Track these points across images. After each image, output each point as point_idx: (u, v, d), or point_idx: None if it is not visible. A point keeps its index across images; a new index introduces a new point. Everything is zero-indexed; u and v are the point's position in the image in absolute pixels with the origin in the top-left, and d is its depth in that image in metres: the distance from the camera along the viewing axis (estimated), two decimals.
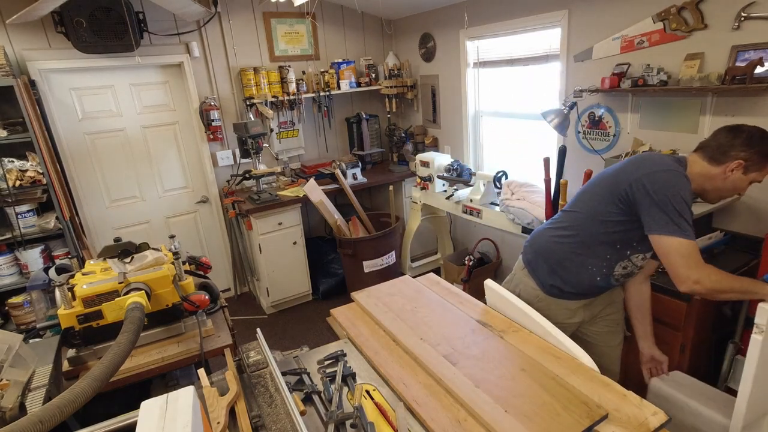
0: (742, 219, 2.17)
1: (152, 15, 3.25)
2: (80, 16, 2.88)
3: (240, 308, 3.95)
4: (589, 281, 1.61)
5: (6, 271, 2.77)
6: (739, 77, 1.92)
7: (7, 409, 1.15)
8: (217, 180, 3.86)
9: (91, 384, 1.04)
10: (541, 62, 3.05)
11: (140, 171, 3.60)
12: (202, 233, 3.97)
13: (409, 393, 1.27)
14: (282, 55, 3.90)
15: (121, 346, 1.20)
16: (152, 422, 0.87)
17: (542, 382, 1.25)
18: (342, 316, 1.74)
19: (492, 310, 1.67)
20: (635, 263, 1.59)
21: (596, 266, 1.58)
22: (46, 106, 3.03)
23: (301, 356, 1.53)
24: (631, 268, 1.60)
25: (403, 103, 4.44)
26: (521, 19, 3.01)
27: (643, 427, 1.09)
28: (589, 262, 1.58)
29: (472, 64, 3.60)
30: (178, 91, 3.61)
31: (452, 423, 1.15)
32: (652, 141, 2.42)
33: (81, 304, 1.46)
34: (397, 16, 4.25)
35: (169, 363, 1.55)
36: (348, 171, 3.83)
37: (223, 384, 1.33)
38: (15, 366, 1.26)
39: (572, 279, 1.62)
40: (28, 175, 2.69)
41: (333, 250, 4.04)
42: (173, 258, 1.68)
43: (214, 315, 1.80)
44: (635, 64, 2.42)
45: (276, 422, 1.19)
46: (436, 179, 3.42)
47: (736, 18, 1.98)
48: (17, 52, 2.96)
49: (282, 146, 4.08)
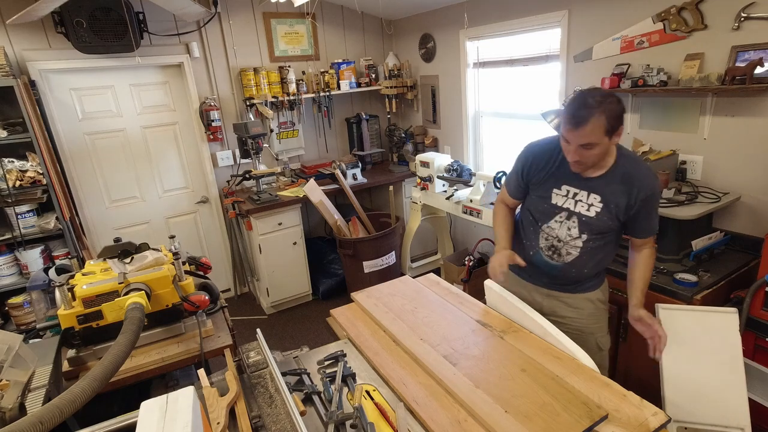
0: (742, 219, 2.17)
1: (152, 15, 3.26)
2: (80, 17, 2.88)
3: (240, 308, 3.95)
4: (528, 258, 1.70)
5: (6, 272, 2.76)
6: (739, 77, 1.92)
7: (7, 410, 1.15)
8: (217, 180, 3.86)
9: (91, 384, 1.04)
10: (541, 62, 3.05)
11: (140, 171, 3.60)
12: (202, 233, 3.97)
13: (409, 393, 1.27)
14: (282, 56, 3.91)
15: (120, 346, 1.20)
16: (152, 422, 0.87)
17: (542, 382, 1.25)
18: (342, 316, 1.74)
19: (492, 310, 1.67)
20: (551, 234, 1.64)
21: (526, 239, 1.72)
22: (46, 107, 3.03)
23: (301, 356, 1.53)
24: (552, 240, 1.64)
25: (403, 103, 4.44)
26: (521, 19, 3.01)
27: (643, 427, 1.09)
28: (522, 235, 1.74)
29: (472, 65, 3.60)
30: (178, 91, 3.61)
31: (452, 423, 1.15)
32: (652, 141, 2.42)
33: (81, 304, 1.46)
34: (397, 17, 4.25)
35: (169, 363, 1.55)
36: (348, 171, 3.83)
37: (223, 384, 1.33)
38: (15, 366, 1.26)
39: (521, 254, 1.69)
40: (28, 175, 2.69)
41: (333, 250, 4.04)
42: (173, 258, 1.68)
43: (214, 315, 1.80)
44: (635, 64, 2.42)
45: (276, 422, 1.19)
46: (436, 179, 3.42)
47: (736, 18, 1.98)
48: (17, 52, 2.96)
49: (282, 146, 4.08)
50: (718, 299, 1.92)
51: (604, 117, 1.35)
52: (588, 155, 1.42)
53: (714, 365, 1.56)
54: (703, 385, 1.56)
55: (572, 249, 1.60)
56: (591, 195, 1.53)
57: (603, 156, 1.46)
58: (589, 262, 1.62)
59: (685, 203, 2.03)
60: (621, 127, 1.40)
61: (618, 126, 1.39)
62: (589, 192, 1.53)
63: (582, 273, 1.65)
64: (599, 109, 1.34)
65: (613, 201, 1.50)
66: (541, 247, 1.66)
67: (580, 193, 1.55)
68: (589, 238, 1.57)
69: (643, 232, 1.58)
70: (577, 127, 1.37)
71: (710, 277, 1.96)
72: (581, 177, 1.54)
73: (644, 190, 1.47)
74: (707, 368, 1.57)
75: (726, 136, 2.14)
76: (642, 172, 1.49)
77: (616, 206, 1.50)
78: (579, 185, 1.55)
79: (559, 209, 1.60)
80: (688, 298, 1.87)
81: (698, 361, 1.58)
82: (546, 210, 1.62)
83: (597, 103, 1.35)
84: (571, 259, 1.62)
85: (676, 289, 1.91)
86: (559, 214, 1.60)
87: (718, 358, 1.56)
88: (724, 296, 1.96)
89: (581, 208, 1.55)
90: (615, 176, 1.50)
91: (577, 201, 1.56)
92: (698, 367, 1.58)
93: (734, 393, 1.53)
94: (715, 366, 1.56)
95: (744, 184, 2.12)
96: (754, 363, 1.79)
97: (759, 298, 1.76)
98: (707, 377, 1.56)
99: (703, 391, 1.55)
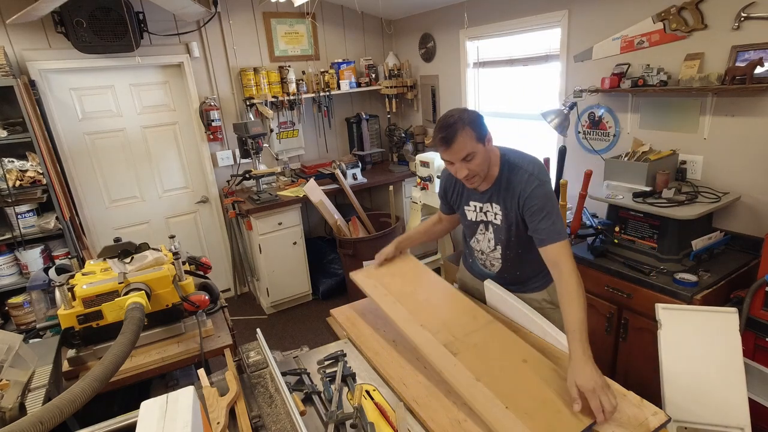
0: (742, 219, 2.17)
1: (152, 15, 3.25)
2: (80, 17, 2.88)
3: (240, 308, 3.95)
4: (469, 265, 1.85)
5: (6, 272, 2.77)
6: (739, 77, 1.91)
7: (7, 409, 1.15)
8: (217, 180, 3.86)
9: (91, 384, 1.04)
10: (541, 62, 3.05)
11: (140, 171, 3.60)
12: (202, 233, 3.97)
13: (409, 393, 1.27)
14: (282, 56, 3.90)
15: (120, 346, 1.20)
16: (152, 422, 0.87)
17: (544, 374, 1.24)
18: (342, 316, 1.74)
19: (492, 310, 1.67)
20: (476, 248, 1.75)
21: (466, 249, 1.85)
22: (46, 106, 3.03)
23: (301, 356, 1.53)
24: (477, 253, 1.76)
25: (403, 103, 4.44)
26: (521, 19, 3.01)
27: (643, 427, 1.09)
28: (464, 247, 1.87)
29: (472, 64, 3.60)
30: (178, 91, 3.61)
31: (452, 423, 1.15)
32: (652, 141, 2.42)
33: (81, 304, 1.46)
34: (397, 16, 4.25)
35: (169, 363, 1.55)
36: (348, 171, 3.83)
37: (223, 384, 1.33)
38: (15, 366, 1.27)
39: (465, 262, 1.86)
40: (28, 175, 2.69)
41: (333, 250, 4.04)
42: (173, 258, 1.68)
43: (214, 315, 1.80)
44: (635, 64, 2.42)
45: (276, 422, 1.20)
46: (436, 179, 3.42)
47: (736, 18, 1.98)
48: (17, 52, 2.96)
49: (282, 146, 4.08)
50: (718, 299, 1.92)
51: (468, 126, 1.43)
52: (473, 166, 1.48)
53: (714, 365, 1.56)
54: (703, 385, 1.56)
55: (494, 261, 1.69)
56: (493, 205, 1.60)
57: (486, 163, 1.51)
58: (518, 269, 1.67)
59: (685, 203, 2.03)
60: (487, 133, 1.49)
61: (483, 131, 1.47)
62: (490, 203, 1.61)
63: (516, 276, 1.69)
64: (461, 122, 1.43)
65: (509, 206, 1.55)
66: (475, 259, 1.80)
67: (485, 206, 1.63)
68: (504, 249, 1.63)
69: (539, 233, 1.46)
70: (449, 145, 1.44)
71: (710, 277, 1.96)
72: (478, 193, 1.62)
73: (523, 193, 1.49)
74: (707, 368, 1.57)
75: (726, 136, 2.14)
76: (518, 177, 1.52)
77: (512, 211, 1.55)
78: (480, 199, 1.63)
79: (476, 223, 1.69)
80: (688, 298, 1.87)
81: (698, 361, 1.58)
82: (469, 225, 1.73)
83: (457, 119, 1.44)
84: (498, 269, 1.70)
85: (676, 289, 1.91)
86: (479, 228, 1.69)
87: (718, 358, 1.57)
88: (724, 296, 1.96)
89: (491, 217, 1.63)
90: (501, 184, 1.56)
91: (486, 212, 1.64)
92: (698, 367, 1.58)
93: (734, 393, 1.53)
94: (715, 366, 1.56)
95: (744, 184, 2.12)
96: (754, 363, 1.79)
97: (759, 298, 1.76)
98: (707, 377, 1.56)
99: (703, 391, 1.55)
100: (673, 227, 2.02)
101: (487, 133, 1.48)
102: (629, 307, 2.11)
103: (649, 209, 2.04)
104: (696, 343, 1.59)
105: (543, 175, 1.51)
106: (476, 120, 1.46)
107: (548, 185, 1.50)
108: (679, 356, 1.60)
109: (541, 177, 1.50)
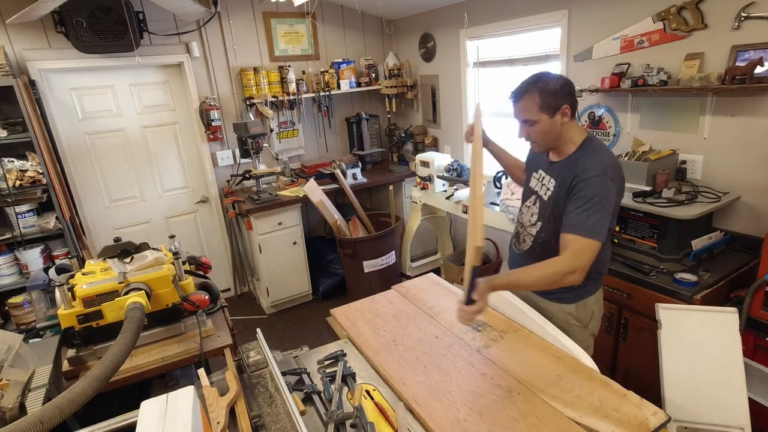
0: (742, 219, 2.17)
1: (152, 15, 3.25)
2: (80, 16, 2.88)
3: (240, 308, 3.95)
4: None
5: (6, 271, 2.76)
6: (739, 77, 1.91)
7: (7, 409, 1.15)
8: (217, 180, 3.86)
9: (91, 384, 1.04)
10: (541, 62, 3.05)
11: (140, 171, 3.60)
12: (202, 233, 3.96)
13: (409, 393, 1.27)
14: (282, 55, 3.90)
15: (121, 346, 1.20)
16: (152, 422, 0.87)
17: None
18: (342, 316, 1.74)
19: (492, 309, 1.67)
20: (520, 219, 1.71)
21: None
22: (46, 106, 3.03)
23: (301, 356, 1.53)
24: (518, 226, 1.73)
25: (403, 103, 4.44)
26: (521, 19, 3.01)
27: (643, 427, 1.09)
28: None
29: (472, 64, 3.59)
30: (178, 91, 3.61)
31: (452, 423, 1.15)
32: (652, 141, 2.42)
33: (81, 304, 1.46)
34: (397, 16, 4.25)
35: (169, 363, 1.55)
36: (348, 171, 3.83)
37: (223, 384, 1.33)
38: (15, 366, 1.26)
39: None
40: (28, 175, 2.69)
41: (333, 250, 4.04)
42: (173, 258, 1.68)
43: (214, 315, 1.80)
44: (635, 64, 2.42)
45: (276, 422, 1.20)
46: (436, 179, 3.42)
47: (736, 18, 1.98)
48: (17, 52, 2.96)
49: (282, 146, 4.08)
50: (718, 299, 1.92)
51: (537, 93, 1.40)
52: (532, 132, 1.47)
53: (714, 365, 1.56)
54: (703, 385, 1.56)
55: (527, 237, 1.65)
56: (551, 179, 1.56)
57: (550, 136, 1.47)
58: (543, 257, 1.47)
59: (685, 203, 2.03)
60: (564, 105, 1.41)
61: (556, 102, 1.40)
62: (550, 176, 1.56)
63: None
64: (533, 86, 1.41)
65: (563, 183, 1.48)
66: (514, 235, 1.75)
67: (546, 177, 1.59)
68: (541, 228, 1.59)
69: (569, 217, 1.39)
70: (514, 104, 1.47)
71: (710, 277, 1.96)
72: (549, 161, 1.58)
73: (582, 174, 1.39)
74: (707, 368, 1.57)
75: (726, 136, 2.14)
76: (587, 161, 1.41)
77: (564, 189, 1.46)
78: (546, 169, 1.59)
79: (530, 191, 1.66)
80: (688, 297, 1.87)
81: (698, 360, 1.58)
82: (525, 191, 1.71)
83: (532, 81, 1.41)
84: (526, 248, 1.66)
85: (676, 288, 1.91)
86: (530, 198, 1.66)
87: (718, 358, 1.57)
88: (724, 296, 1.96)
89: (543, 191, 1.59)
90: (570, 162, 1.49)
91: (543, 184, 1.60)
92: (698, 366, 1.58)
93: (734, 393, 1.53)
94: (715, 366, 1.56)
95: (744, 184, 2.12)
96: (754, 363, 1.79)
97: (759, 297, 1.76)
98: (707, 377, 1.56)
99: (703, 391, 1.56)
100: (673, 227, 2.02)
101: (561, 106, 1.40)
102: (629, 307, 2.11)
103: (649, 209, 2.04)
104: (696, 343, 1.59)
105: (612, 172, 1.40)
106: (549, 89, 1.38)
107: (610, 183, 1.38)
108: (679, 356, 1.60)
109: (609, 173, 1.38)
